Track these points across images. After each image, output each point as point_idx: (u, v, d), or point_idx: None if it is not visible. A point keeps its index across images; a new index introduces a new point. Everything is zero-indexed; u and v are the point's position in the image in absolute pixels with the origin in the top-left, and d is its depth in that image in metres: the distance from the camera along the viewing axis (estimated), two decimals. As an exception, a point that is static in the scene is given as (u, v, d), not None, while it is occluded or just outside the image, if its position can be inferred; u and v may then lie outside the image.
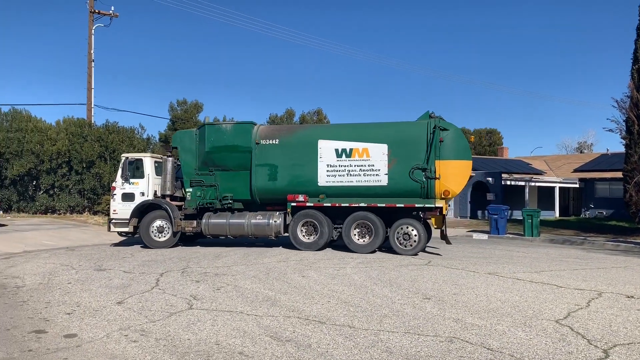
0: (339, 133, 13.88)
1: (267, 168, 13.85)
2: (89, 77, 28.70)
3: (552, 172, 38.27)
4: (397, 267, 10.94)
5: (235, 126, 14.37)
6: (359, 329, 6.09)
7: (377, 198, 13.33)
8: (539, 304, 7.47)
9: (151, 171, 14.76)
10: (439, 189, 12.94)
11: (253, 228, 13.92)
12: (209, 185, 14.34)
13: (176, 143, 14.80)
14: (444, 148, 12.93)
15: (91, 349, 5.31)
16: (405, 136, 13.34)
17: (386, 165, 13.21)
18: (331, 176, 13.51)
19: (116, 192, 14.71)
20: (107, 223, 14.92)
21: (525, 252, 14.39)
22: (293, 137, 13.97)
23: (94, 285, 8.79)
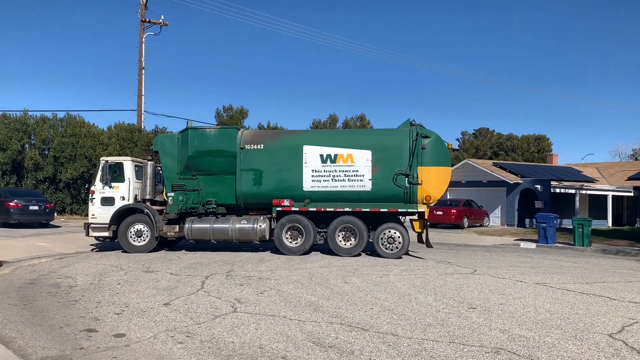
0: (323, 139, 14.15)
1: (252, 173, 13.90)
2: (140, 84, 29.59)
3: (604, 180, 36.89)
4: (441, 275, 10.77)
5: (219, 131, 14.42)
6: (403, 337, 6.02)
7: (361, 203, 13.66)
8: (591, 316, 7.20)
9: (132, 175, 14.55)
10: (421, 194, 13.45)
11: (237, 233, 13.90)
12: (192, 190, 14.21)
13: (157, 147, 14.56)
14: (426, 155, 13.47)
15: (139, 349, 5.44)
16: (388, 143, 13.77)
17: (370, 170, 13.57)
18: (316, 181, 13.72)
19: (95, 196, 14.45)
20: (85, 227, 14.57)
21: (575, 262, 13.90)
22: (278, 143, 14.10)
23: (142, 286, 9.02)
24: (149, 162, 14.67)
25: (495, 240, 21.38)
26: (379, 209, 13.59)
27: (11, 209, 19.06)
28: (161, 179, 15.03)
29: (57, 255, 13.47)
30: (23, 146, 27.16)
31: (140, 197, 14.65)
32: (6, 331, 6.09)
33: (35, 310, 7.16)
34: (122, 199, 14.36)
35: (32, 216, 19.75)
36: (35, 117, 28.46)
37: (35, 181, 26.62)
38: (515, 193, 30.46)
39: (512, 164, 36.03)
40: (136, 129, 28.62)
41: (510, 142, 56.04)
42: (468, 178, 33.50)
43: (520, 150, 54.49)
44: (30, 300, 7.78)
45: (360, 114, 48.31)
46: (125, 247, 14.05)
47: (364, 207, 13.61)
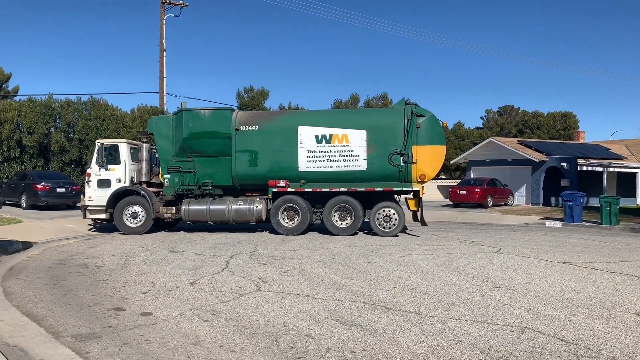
0: (318, 119, 14.19)
1: (248, 154, 13.98)
2: (161, 66, 29.73)
3: (633, 157, 36.04)
4: (465, 254, 10.71)
5: (214, 112, 14.40)
6: (426, 315, 6.01)
7: (357, 182, 13.81)
8: (618, 295, 7.10)
9: (127, 157, 14.54)
10: (416, 173, 13.60)
11: (234, 214, 13.96)
12: (188, 172, 14.24)
13: (152, 129, 14.55)
14: (420, 134, 13.56)
15: (165, 327, 5.55)
16: (383, 122, 13.90)
17: (365, 150, 13.68)
18: (311, 162, 13.83)
19: (91, 179, 14.45)
20: (82, 210, 14.65)
21: (602, 241, 13.68)
22: (273, 124, 14.12)
23: (167, 266, 9.17)
24: (144, 144, 14.70)
25: (520, 219, 21.14)
26: (374, 188, 13.71)
27: (39, 191, 19.47)
28: (157, 161, 15.08)
29: (84, 237, 13.76)
30: (49, 130, 27.59)
31: (136, 179, 14.75)
32: (38, 309, 6.26)
33: (65, 290, 7.33)
34: (118, 181, 14.40)
35: (59, 198, 20.15)
36: (60, 101, 28.85)
37: (62, 164, 27.09)
38: (541, 171, 29.97)
39: (538, 142, 35.41)
40: (159, 111, 28.82)
41: (536, 120, 54.99)
42: (492, 157, 33.04)
43: (546, 127, 53.44)
44: (59, 280, 7.97)
45: (383, 93, 47.93)
46: (121, 228, 14.14)
47: (359, 187, 13.74)
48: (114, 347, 4.92)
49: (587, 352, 4.81)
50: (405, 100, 14.07)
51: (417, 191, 13.80)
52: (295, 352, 4.80)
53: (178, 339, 5.16)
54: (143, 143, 14.72)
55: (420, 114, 13.61)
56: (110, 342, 5.07)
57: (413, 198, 14.03)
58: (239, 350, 4.83)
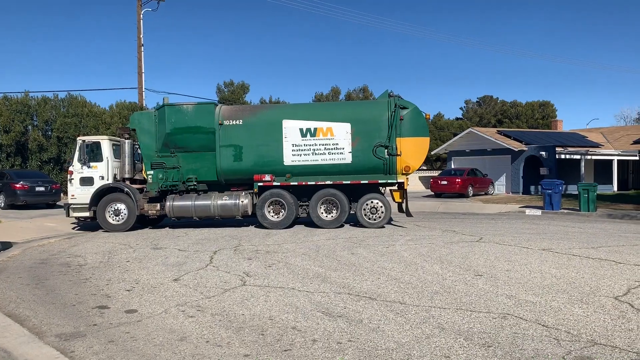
0: (303, 113, 14.15)
1: (232, 149, 13.88)
2: (139, 61, 29.37)
3: (609, 145, 36.70)
4: (447, 244, 10.83)
5: (197, 107, 14.17)
6: (410, 305, 6.09)
7: (342, 175, 13.84)
8: (597, 280, 7.26)
9: (110, 154, 14.30)
10: (400, 165, 13.69)
11: (220, 209, 13.92)
12: (171, 167, 14.09)
13: (134, 125, 14.34)
14: (404, 126, 13.61)
15: (151, 324, 5.54)
16: (367, 115, 13.92)
17: (350, 143, 13.71)
18: (297, 155, 13.80)
19: (74, 177, 14.23)
20: (65, 208, 14.43)
21: (581, 228, 13.94)
22: (256, 118, 14.06)
23: (151, 263, 9.12)
24: (126, 140, 14.46)
25: (501, 208, 21.41)
26: (360, 181, 13.78)
27: (18, 190, 19.18)
28: (140, 158, 14.89)
29: (65, 235, 13.60)
30: (26, 127, 27.14)
31: (119, 176, 14.56)
32: (20, 310, 6.20)
33: (48, 289, 7.26)
34: (101, 179, 14.18)
35: (39, 197, 19.88)
36: (37, 98, 28.38)
37: (40, 162, 26.69)
38: (520, 160, 30.36)
39: (517, 131, 35.83)
40: (138, 107, 28.51)
41: (515, 110, 55.62)
42: (472, 147, 33.35)
43: (524, 117, 54.10)
44: (41, 280, 7.89)
45: (363, 85, 48.02)
46: (104, 226, 13.98)
47: (345, 180, 13.78)
48: (99, 345, 4.90)
49: (568, 336, 4.93)
50: (388, 92, 14.10)
51: (401, 183, 13.91)
52: (282, 344, 4.84)
53: (164, 335, 5.16)
54: (125, 139, 14.48)
55: (403, 106, 13.67)
56: (96, 340, 5.04)
57: (398, 190, 14.14)
58: (225, 345, 4.85)
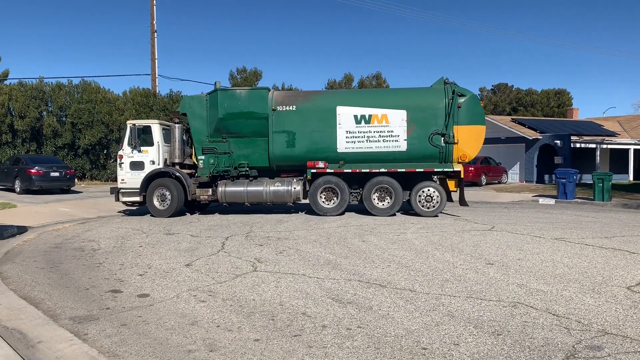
0: (357, 99, 14.02)
1: (285, 135, 13.77)
2: (152, 47, 29.45)
3: (626, 134, 36.18)
4: (458, 232, 10.80)
5: (250, 92, 14.06)
6: (420, 292, 6.10)
7: (396, 163, 13.69)
8: (609, 270, 7.20)
9: (160, 138, 14.15)
10: (457, 153, 13.59)
11: (272, 195, 13.81)
12: (223, 153, 14.00)
13: (185, 109, 14.17)
14: (461, 114, 13.49)
15: (163, 308, 5.60)
16: (423, 102, 13.74)
17: (405, 130, 13.59)
18: (350, 142, 13.70)
19: (124, 161, 14.07)
20: (115, 192, 14.27)
21: (594, 217, 13.81)
22: (310, 104, 13.91)
23: (163, 248, 9.21)
24: (176, 124, 14.32)
25: (514, 197, 21.27)
26: (415, 169, 13.60)
27: (33, 175, 19.41)
28: (189, 142, 14.82)
29: (79, 220, 13.76)
30: (41, 113, 27.42)
31: (169, 161, 14.42)
32: (35, 293, 6.30)
33: (62, 273, 7.37)
34: (152, 163, 14.04)
35: (54, 182, 20.10)
36: (51, 84, 28.62)
37: (55, 148, 26.98)
38: (535, 149, 30.07)
39: (531, 120, 35.45)
40: (151, 94, 28.66)
41: (530, 97, 54.99)
42: (486, 135, 33.00)
43: (539, 105, 53.48)
44: (56, 264, 8.00)
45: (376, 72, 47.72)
46: (152, 210, 13.93)
47: (399, 168, 13.60)
48: (112, 328, 4.98)
49: (578, 326, 4.91)
50: (444, 79, 14.08)
51: (458, 171, 13.73)
52: (292, 330, 4.87)
53: (175, 319, 5.22)
54: (175, 124, 14.33)
55: (461, 93, 13.55)
56: (109, 323, 5.12)
57: (453, 178, 13.95)
58: (236, 330, 4.90)
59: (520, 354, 4.25)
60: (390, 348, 4.40)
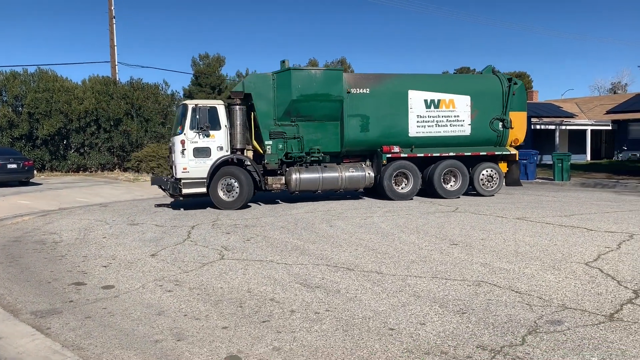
0: (426, 83, 14.22)
1: (359, 119, 13.45)
2: (111, 34, 28.70)
3: (583, 115, 37.24)
4: (424, 214, 10.95)
5: (325, 73, 13.54)
6: (387, 274, 6.17)
7: (460, 147, 14.21)
8: (569, 247, 7.43)
9: (227, 121, 12.71)
10: (511, 137, 14.58)
11: (347, 181, 13.36)
12: (292, 137, 13.16)
13: (250, 89, 12.93)
14: (515, 100, 14.48)
15: (128, 299, 5.52)
16: (484, 88, 14.44)
17: (469, 115, 14.17)
18: (421, 127, 13.90)
19: (187, 147, 12.31)
20: (170, 183, 12.57)
21: (554, 197, 14.21)
22: (383, 87, 13.71)
23: (128, 239, 9.05)
24: (238, 106, 12.97)
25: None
26: (479, 152, 14.26)
27: (-11, 168, 18.74)
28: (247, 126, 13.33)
29: (39, 213, 13.38)
30: (-5, 104, 26.45)
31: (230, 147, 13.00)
32: (-6, 288, 6.12)
33: (22, 267, 7.17)
34: (219, 150, 12.54)
35: (11, 175, 19.45)
36: (5, 73, 27.61)
37: (11, 139, 26.09)
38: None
39: (493, 103, 36.00)
40: (111, 82, 27.95)
41: (491, 81, 55.80)
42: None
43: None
44: (15, 258, 7.77)
45: (341, 57, 47.66)
46: (218, 203, 12.63)
47: (465, 151, 14.14)
48: (76, 321, 4.88)
49: (540, 302, 5.05)
50: (492, 67, 15.08)
51: (514, 154, 14.67)
52: (260, 316, 4.87)
53: (141, 310, 5.15)
54: (236, 105, 12.99)
55: (515, 81, 14.47)
56: (72, 316, 5.01)
57: (507, 161, 14.81)
58: (203, 318, 4.87)
59: (484, 331, 4.35)
60: (358, 330, 4.45)
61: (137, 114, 26.32)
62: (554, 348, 3.95)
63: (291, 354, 4.00)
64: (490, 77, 14.76)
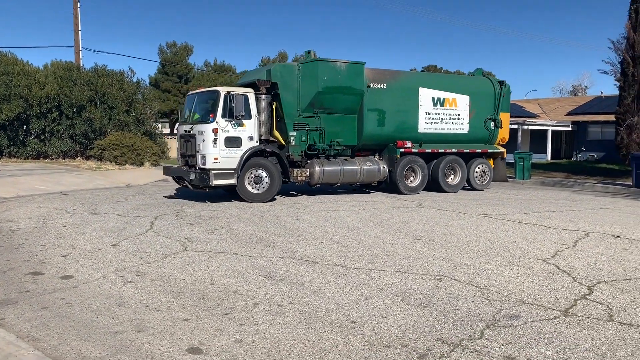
0: (434, 82, 14.93)
1: (377, 113, 13.73)
2: (75, 18, 27.89)
3: (545, 116, 38.20)
4: (388, 209, 11.07)
5: (349, 66, 13.29)
6: (351, 268, 6.22)
7: (459, 144, 15.01)
8: (527, 243, 7.63)
9: (256, 111, 12.33)
10: (500, 136, 15.67)
11: (365, 174, 13.57)
12: (314, 129, 13.05)
13: (277, 78, 12.55)
14: (503, 102, 15.55)
15: (88, 290, 5.41)
16: (480, 89, 15.38)
17: (468, 114, 15.02)
18: (428, 123, 14.54)
19: (218, 136, 11.74)
20: (196, 174, 11.93)
21: (515, 195, 14.57)
22: (398, 83, 14.13)
23: (88, 228, 8.85)
24: (264, 95, 12.55)
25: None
26: (475, 149, 15.20)
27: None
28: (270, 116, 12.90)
29: (-4, 200, 12.96)
30: (-50, 86, 25.39)
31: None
32: (-54, 277, 5.90)
33: (-24, 256, 6.93)
34: (249, 140, 12.12)
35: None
36: (-39, 55, 26.52)
37: (-33, 124, 25.12)
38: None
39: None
40: (74, 67, 27.17)
41: (458, 79, 56.63)
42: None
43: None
44: (-31, 246, 7.51)
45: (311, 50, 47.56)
46: (246, 196, 12.16)
47: (464, 148, 14.97)
48: (32, 312, 4.75)
49: (498, 297, 5.18)
50: (482, 70, 16.31)
51: (503, 152, 15.83)
52: (223, 308, 4.85)
53: (101, 300, 5.06)
54: (262, 94, 12.53)
55: (504, 84, 15.53)
56: (28, 307, 4.88)
57: (493, 158, 15.81)
58: (165, 310, 4.81)
59: (444, 324, 4.44)
60: (321, 323, 4.48)
61: (101, 101, 25.68)
62: (511, 342, 4.06)
63: (253, 346, 4.00)
64: (484, 79, 15.80)
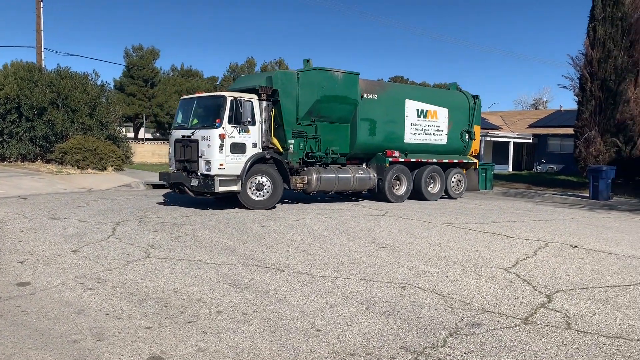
0: (418, 94, 15.55)
1: (369, 123, 14.05)
2: (38, 18, 27.18)
3: (507, 128, 39.13)
4: (354, 217, 11.12)
5: (345, 75, 13.44)
6: (316, 276, 6.22)
7: (438, 154, 15.59)
8: (489, 253, 7.78)
9: (260, 117, 12.30)
10: (472, 148, 16.39)
11: (357, 183, 13.77)
12: (311, 137, 13.15)
13: (277, 85, 12.50)
14: (475, 114, 16.32)
15: (45, 297, 5.25)
16: (457, 102, 16.10)
17: (447, 126, 15.67)
18: (413, 134, 15.04)
19: (225, 142, 11.60)
20: (198, 179, 11.73)
21: (478, 205, 14.85)
22: (387, 94, 14.56)
23: (47, 234, 8.60)
24: (264, 101, 12.41)
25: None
26: (453, 160, 15.89)
27: None
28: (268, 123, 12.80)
29: (-51, 203, 12.47)
30: None
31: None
32: None
33: None
34: (253, 146, 12.08)
35: None
36: None
37: None
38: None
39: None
40: (36, 68, 26.45)
41: (424, 90, 57.59)
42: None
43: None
44: None
45: (279, 58, 47.60)
46: (248, 203, 12.05)
47: (443, 158, 15.59)
48: (-14, 320, 4.58)
49: (461, 305, 5.26)
50: (456, 85, 16.96)
51: (476, 163, 16.61)
52: (186, 316, 4.77)
53: (60, 308, 4.92)
54: (264, 101, 12.42)
55: (477, 97, 16.29)
56: (-18, 315, 4.71)
57: (466, 168, 16.55)
58: (126, 317, 4.71)
59: (408, 332, 4.48)
60: (285, 331, 4.46)
61: (63, 104, 25.03)
62: (473, 350, 4.13)
63: (216, 355, 3.95)
64: (460, 94, 16.50)
